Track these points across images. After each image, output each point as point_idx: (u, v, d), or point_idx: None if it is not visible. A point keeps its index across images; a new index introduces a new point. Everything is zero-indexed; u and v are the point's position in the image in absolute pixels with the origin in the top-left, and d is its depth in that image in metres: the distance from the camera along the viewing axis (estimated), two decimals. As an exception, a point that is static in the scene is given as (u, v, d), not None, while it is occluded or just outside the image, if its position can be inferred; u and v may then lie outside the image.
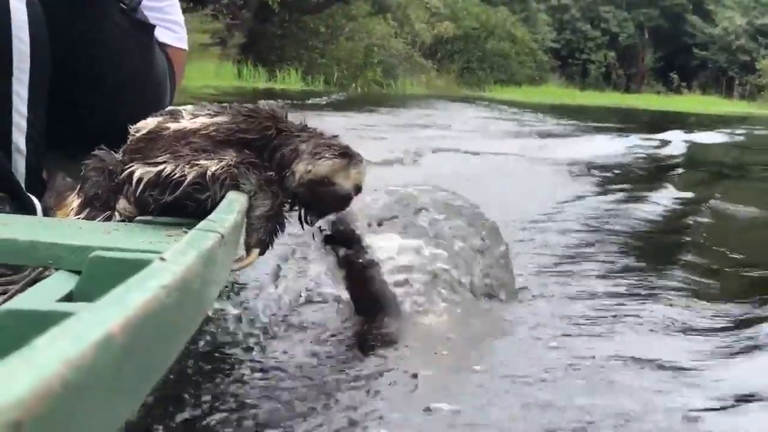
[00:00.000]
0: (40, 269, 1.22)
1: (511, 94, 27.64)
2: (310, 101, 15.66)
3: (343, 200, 1.59)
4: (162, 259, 0.84)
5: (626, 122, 16.10)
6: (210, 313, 1.85)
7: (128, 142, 1.48)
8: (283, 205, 1.51)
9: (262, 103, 1.56)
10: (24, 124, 1.77)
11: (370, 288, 2.18)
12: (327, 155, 1.52)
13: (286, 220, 1.55)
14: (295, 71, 23.23)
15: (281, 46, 24.08)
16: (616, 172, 7.27)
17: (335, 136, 1.59)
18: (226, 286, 2.14)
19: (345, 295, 2.30)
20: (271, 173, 1.46)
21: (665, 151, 9.89)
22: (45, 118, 1.82)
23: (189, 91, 16.18)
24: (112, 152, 1.49)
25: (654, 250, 3.82)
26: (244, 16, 21.95)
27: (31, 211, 1.75)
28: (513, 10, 35.78)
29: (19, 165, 1.78)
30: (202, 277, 0.93)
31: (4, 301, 1.18)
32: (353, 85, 23.91)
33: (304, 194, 1.56)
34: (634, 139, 11.31)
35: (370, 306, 2.20)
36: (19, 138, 1.77)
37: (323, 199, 1.58)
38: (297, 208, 1.61)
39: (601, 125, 14.38)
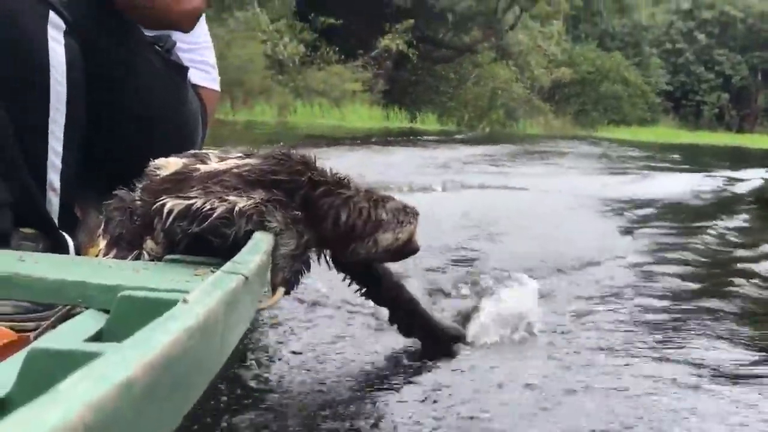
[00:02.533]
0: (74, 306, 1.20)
1: (621, 133, 28.29)
2: (445, 138, 17.58)
3: (413, 253, 1.68)
4: (185, 301, 0.86)
5: (728, 160, 15.90)
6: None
7: (149, 181, 1.49)
8: (309, 245, 1.49)
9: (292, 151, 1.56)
10: (58, 162, 1.76)
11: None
12: (407, 220, 1.60)
13: (311, 260, 1.54)
14: (432, 113, 25.39)
15: (416, 91, 26.25)
16: (691, 205, 7.33)
17: (374, 189, 1.63)
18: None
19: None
20: (298, 213, 1.45)
21: (746, 187, 9.73)
22: (79, 157, 1.82)
23: (345, 129, 18.06)
24: (131, 192, 1.50)
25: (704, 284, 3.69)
26: (386, 66, 24.57)
27: (64, 248, 1.76)
28: (627, 55, 36.52)
29: (53, 203, 1.76)
30: (225, 320, 0.94)
31: (37, 336, 1.23)
32: (480, 125, 25.52)
33: (382, 257, 1.68)
34: (725, 174, 11.21)
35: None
36: (53, 176, 1.75)
37: (397, 257, 1.70)
38: (326, 250, 1.66)
39: (694, 163, 14.24)
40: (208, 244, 1.37)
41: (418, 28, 25.05)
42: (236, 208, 1.36)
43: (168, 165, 1.49)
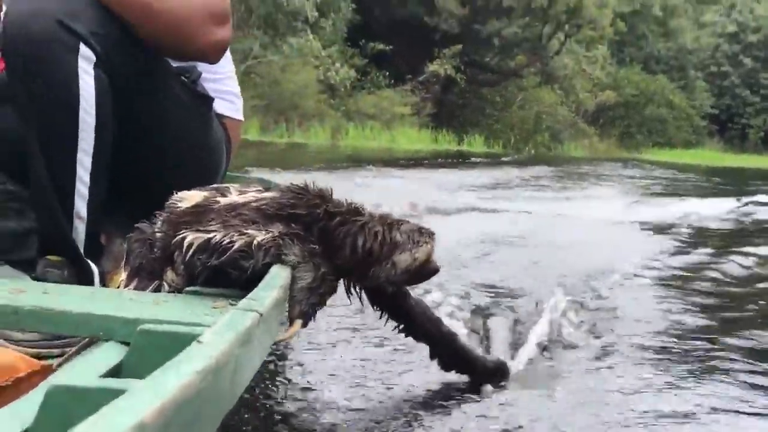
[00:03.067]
0: (91, 340, 1.21)
1: (666, 156, 27.90)
2: (491, 160, 17.67)
3: (434, 274, 1.65)
4: (199, 341, 0.86)
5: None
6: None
7: (170, 213, 1.49)
8: (326, 278, 1.47)
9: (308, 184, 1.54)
10: (86, 191, 1.75)
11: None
12: (423, 240, 1.59)
13: (328, 293, 1.51)
14: (479, 135, 25.40)
15: (463, 114, 26.43)
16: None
17: (389, 214, 1.62)
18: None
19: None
20: (315, 246, 1.45)
21: None
22: (106, 186, 1.80)
23: (396, 151, 18.05)
24: (153, 224, 1.50)
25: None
26: (434, 90, 24.74)
27: (89, 275, 1.76)
28: (672, 78, 36.08)
29: (80, 231, 1.75)
30: (239, 358, 0.93)
31: (60, 364, 1.23)
32: (526, 147, 25.53)
33: (402, 279, 1.63)
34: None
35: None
36: (80, 205, 1.75)
37: (418, 279, 1.66)
38: (343, 280, 1.62)
39: (736, 186, 13.92)
40: (227, 276, 1.37)
41: (465, 53, 25.12)
42: (254, 242, 1.36)
43: (189, 198, 1.49)
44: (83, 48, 1.68)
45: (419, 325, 1.95)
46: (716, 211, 8.55)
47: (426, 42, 24.95)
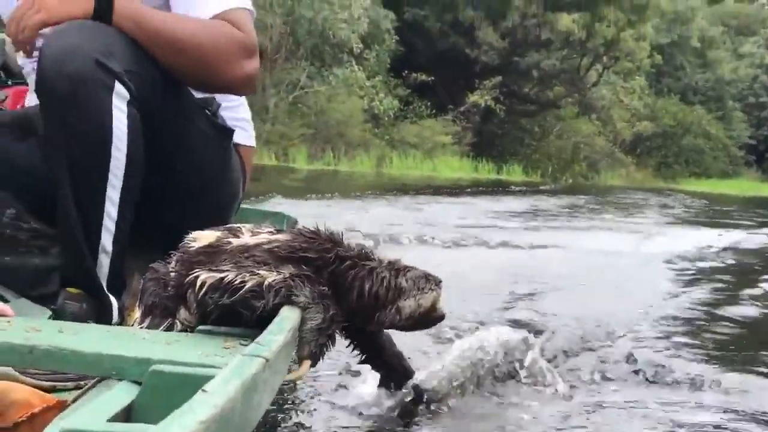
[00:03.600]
0: (103, 378, 1.18)
1: (702, 186, 27.32)
2: (529, 189, 17.65)
3: (439, 321, 1.65)
4: (204, 390, 0.86)
5: None
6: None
7: (184, 253, 1.50)
8: (335, 319, 1.45)
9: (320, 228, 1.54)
10: (112, 226, 1.73)
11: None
12: (428, 287, 1.58)
13: (337, 334, 1.50)
14: (518, 165, 25.36)
15: (502, 143, 26.41)
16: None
17: (398, 260, 1.60)
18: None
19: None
20: (325, 288, 1.44)
21: None
22: (132, 221, 1.78)
23: (438, 180, 17.95)
24: (166, 264, 1.51)
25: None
26: (474, 120, 24.78)
27: (109, 310, 1.74)
28: (709, 109, 35.48)
29: (104, 265, 1.73)
30: (244, 405, 0.93)
31: (75, 400, 1.20)
32: (563, 177, 25.33)
33: (406, 325, 1.61)
34: None
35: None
36: (106, 239, 1.73)
37: (422, 325, 1.66)
38: (353, 321, 1.61)
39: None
40: (238, 315, 1.37)
41: (505, 84, 25.14)
42: (266, 282, 1.36)
43: (202, 238, 1.50)
44: (118, 86, 1.67)
45: (386, 359, 1.91)
46: (747, 242, 8.38)
47: (467, 73, 25.04)
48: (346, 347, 1.89)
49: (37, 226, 1.83)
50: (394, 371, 1.97)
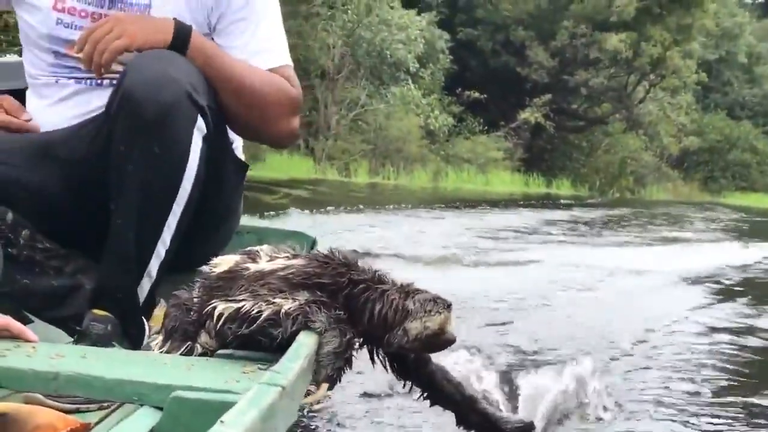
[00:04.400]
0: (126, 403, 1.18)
1: (748, 200, 27.02)
2: (577, 202, 17.85)
3: (449, 344, 1.57)
4: (222, 422, 0.84)
5: None
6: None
7: (205, 279, 1.49)
8: (351, 343, 1.44)
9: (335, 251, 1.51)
10: (163, 252, 1.71)
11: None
12: (436, 310, 1.52)
13: (354, 358, 1.47)
14: (567, 179, 25.25)
15: (551, 158, 26.35)
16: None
17: (411, 283, 1.55)
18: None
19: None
20: (341, 312, 1.42)
21: None
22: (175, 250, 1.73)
23: (493, 195, 17.79)
24: (190, 290, 1.49)
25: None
26: (525, 136, 24.82)
27: (141, 330, 1.72)
28: (757, 124, 34.56)
29: (144, 288, 1.71)
30: (263, 426, 0.92)
31: (99, 422, 1.21)
32: (610, 191, 25.21)
33: (411, 347, 1.54)
34: None
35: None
36: (154, 264, 1.70)
37: (432, 348, 1.59)
38: (367, 345, 1.58)
39: None
40: (257, 342, 1.37)
41: (554, 101, 25.03)
42: (282, 311, 1.36)
43: (222, 263, 1.49)
44: (200, 120, 1.67)
45: (441, 390, 1.82)
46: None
47: (518, 91, 25.06)
48: (403, 387, 1.80)
49: (50, 245, 1.77)
50: (458, 404, 1.86)
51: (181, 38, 1.72)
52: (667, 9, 25.94)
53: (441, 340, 1.54)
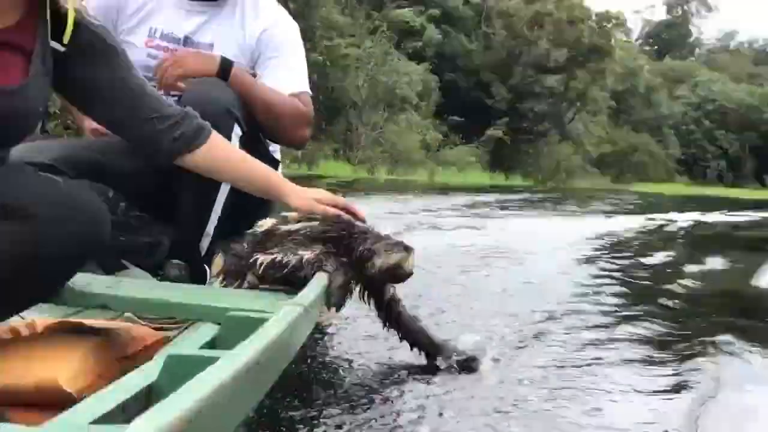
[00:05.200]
0: (195, 321, 1.14)
1: (646, 188, 26.47)
2: (524, 189, 17.41)
3: (406, 278, 1.48)
4: (264, 327, 0.83)
5: (701, 205, 13.40)
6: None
7: (252, 236, 1.41)
8: (351, 280, 1.41)
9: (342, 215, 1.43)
10: (216, 219, 1.64)
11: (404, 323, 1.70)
12: (395, 251, 1.44)
13: (353, 291, 1.45)
14: (520, 175, 25.12)
15: (509, 162, 26.16)
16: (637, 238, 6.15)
17: (388, 235, 1.46)
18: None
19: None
20: (344, 259, 1.37)
21: (682, 223, 8.38)
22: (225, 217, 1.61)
23: (468, 185, 17.34)
24: (241, 244, 1.41)
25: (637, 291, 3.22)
26: (490, 146, 24.85)
27: (203, 274, 1.65)
28: (653, 135, 35.36)
29: (204, 244, 1.64)
30: (290, 337, 0.90)
31: (175, 336, 1.17)
32: (549, 183, 25.16)
33: (380, 277, 1.47)
34: (691, 216, 9.73)
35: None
36: (210, 228, 1.63)
37: (395, 278, 1.50)
38: (360, 286, 1.51)
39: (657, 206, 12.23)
40: (287, 281, 1.33)
41: (510, 122, 25.19)
42: (304, 259, 1.33)
43: (263, 224, 1.45)
44: (236, 126, 1.62)
45: (404, 322, 1.72)
46: (639, 223, 7.80)
47: (485, 115, 25.15)
48: (369, 309, 1.66)
49: (140, 214, 1.72)
50: (413, 334, 1.74)
51: (224, 69, 1.65)
52: (587, 58, 26.03)
53: (400, 272, 1.46)
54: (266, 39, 1.76)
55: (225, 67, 1.66)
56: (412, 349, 1.75)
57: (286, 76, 1.75)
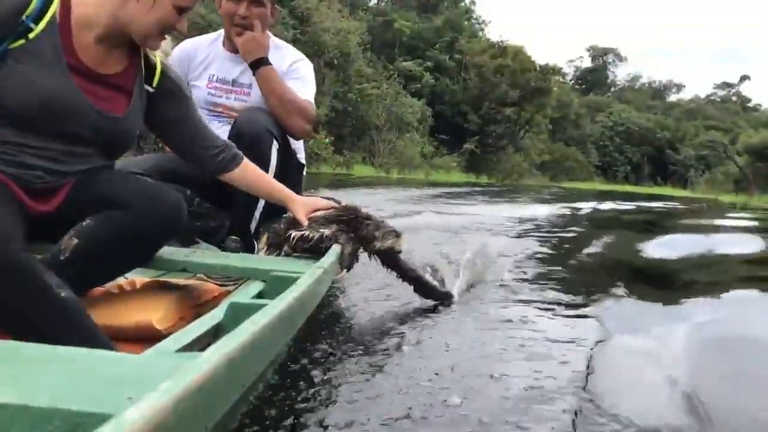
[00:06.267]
0: (247, 279, 1.07)
1: (572, 185, 26.03)
2: (488, 184, 17.24)
3: (399, 253, 1.48)
4: (297, 284, 0.80)
5: (606, 198, 12.53)
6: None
7: (287, 219, 1.32)
8: (357, 250, 1.34)
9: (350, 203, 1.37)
10: (261, 207, 1.55)
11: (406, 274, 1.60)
12: (390, 237, 1.40)
13: (358, 258, 1.36)
14: (486, 176, 24.79)
15: (479, 166, 25.62)
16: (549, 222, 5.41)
17: (384, 221, 1.41)
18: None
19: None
20: (352, 234, 1.31)
21: (586, 210, 7.77)
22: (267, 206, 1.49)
23: (452, 183, 16.86)
24: (280, 223, 1.32)
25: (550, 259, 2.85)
26: (466, 156, 24.34)
27: (253, 247, 1.54)
28: (578, 148, 34.22)
29: (253, 226, 1.55)
30: (315, 289, 0.87)
31: (234, 290, 1.12)
32: (505, 181, 24.57)
33: (380, 253, 1.45)
34: (591, 204, 9.13)
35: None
36: (257, 214, 1.55)
37: (390, 254, 1.47)
38: (367, 253, 1.40)
39: (574, 198, 11.44)
40: (312, 250, 1.27)
41: (480, 140, 24.69)
42: (324, 235, 1.27)
43: None
44: (274, 142, 1.53)
45: (404, 270, 1.64)
46: (560, 210, 7.27)
47: (462, 135, 24.70)
48: (386, 271, 1.57)
49: (209, 206, 1.65)
50: (413, 280, 1.67)
51: (263, 62, 1.56)
52: (533, 96, 25.43)
53: (394, 251, 1.44)
54: (292, 69, 1.68)
55: (265, 61, 1.59)
56: (415, 291, 1.69)
57: (300, 88, 1.64)
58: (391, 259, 1.57)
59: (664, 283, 2.48)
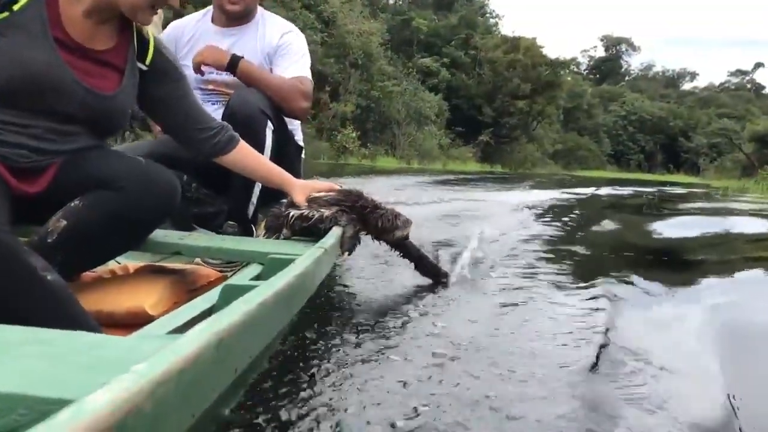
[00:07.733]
0: (246, 262, 0.99)
1: (585, 173, 25.47)
2: (503, 173, 16.88)
3: (407, 239, 1.43)
4: (294, 264, 0.75)
5: (613, 184, 12.17)
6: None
7: (287, 200, 1.24)
8: (359, 232, 1.26)
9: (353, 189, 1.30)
10: (258, 191, 1.46)
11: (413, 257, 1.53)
12: (406, 226, 1.37)
13: (360, 241, 1.28)
14: (501, 165, 24.21)
15: (494, 157, 25.17)
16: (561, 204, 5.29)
17: (394, 210, 1.36)
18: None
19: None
20: (354, 216, 1.23)
21: (591, 195, 7.59)
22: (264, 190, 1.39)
23: (468, 172, 16.51)
24: (279, 207, 1.25)
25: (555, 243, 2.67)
26: (481, 147, 24.14)
27: (250, 232, 1.46)
28: (591, 138, 33.26)
29: (250, 210, 1.47)
30: (314, 270, 0.82)
31: (231, 275, 1.06)
32: (519, 170, 23.91)
33: (395, 242, 1.39)
34: (606, 189, 9.10)
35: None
36: (254, 198, 1.47)
37: (402, 240, 1.42)
38: (371, 236, 1.32)
39: (588, 184, 11.10)
40: (311, 231, 1.20)
41: (494, 132, 24.26)
42: (324, 215, 1.20)
43: None
44: (269, 123, 1.44)
45: (408, 250, 1.57)
46: (576, 195, 7.13)
47: (478, 127, 24.23)
48: (390, 250, 1.49)
49: (207, 192, 1.57)
50: (416, 260, 1.61)
51: (232, 63, 1.45)
52: (544, 89, 24.80)
53: (405, 238, 1.42)
54: (282, 42, 1.56)
55: (233, 61, 1.46)
56: (416, 269, 1.62)
57: (290, 65, 1.54)
58: (401, 243, 1.51)
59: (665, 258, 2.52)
